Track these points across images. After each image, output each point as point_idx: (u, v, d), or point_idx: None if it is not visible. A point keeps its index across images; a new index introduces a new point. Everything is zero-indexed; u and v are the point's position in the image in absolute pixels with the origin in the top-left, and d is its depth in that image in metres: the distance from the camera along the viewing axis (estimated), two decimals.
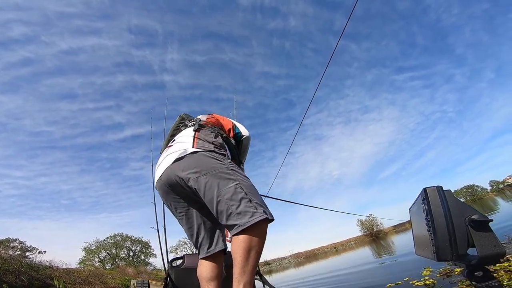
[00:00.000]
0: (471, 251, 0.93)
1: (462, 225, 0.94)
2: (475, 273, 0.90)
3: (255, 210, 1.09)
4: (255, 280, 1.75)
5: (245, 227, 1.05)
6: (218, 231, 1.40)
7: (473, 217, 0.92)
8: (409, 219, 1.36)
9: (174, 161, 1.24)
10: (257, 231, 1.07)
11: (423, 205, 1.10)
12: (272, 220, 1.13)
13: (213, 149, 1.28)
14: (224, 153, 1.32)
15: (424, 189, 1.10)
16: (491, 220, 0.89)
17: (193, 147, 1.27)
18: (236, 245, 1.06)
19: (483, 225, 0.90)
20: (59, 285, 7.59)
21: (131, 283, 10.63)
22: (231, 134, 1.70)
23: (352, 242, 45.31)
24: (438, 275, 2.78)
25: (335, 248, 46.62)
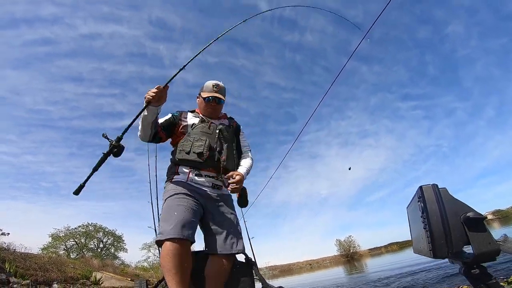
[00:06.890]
0: (467, 249, 0.92)
1: (457, 223, 0.94)
2: (472, 271, 0.89)
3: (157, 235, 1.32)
4: (255, 281, 1.67)
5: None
6: (216, 237, 1.49)
7: (468, 214, 0.92)
8: (407, 218, 1.36)
9: None
10: (162, 251, 1.27)
11: (419, 203, 1.09)
12: (167, 239, 1.24)
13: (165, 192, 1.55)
14: (166, 185, 1.57)
15: (420, 187, 1.10)
16: (486, 218, 0.88)
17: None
18: None
19: (478, 222, 0.90)
20: (9, 269, 6.94)
21: (93, 274, 9.96)
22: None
23: (328, 261, 45.23)
24: None
25: (310, 265, 46.34)
